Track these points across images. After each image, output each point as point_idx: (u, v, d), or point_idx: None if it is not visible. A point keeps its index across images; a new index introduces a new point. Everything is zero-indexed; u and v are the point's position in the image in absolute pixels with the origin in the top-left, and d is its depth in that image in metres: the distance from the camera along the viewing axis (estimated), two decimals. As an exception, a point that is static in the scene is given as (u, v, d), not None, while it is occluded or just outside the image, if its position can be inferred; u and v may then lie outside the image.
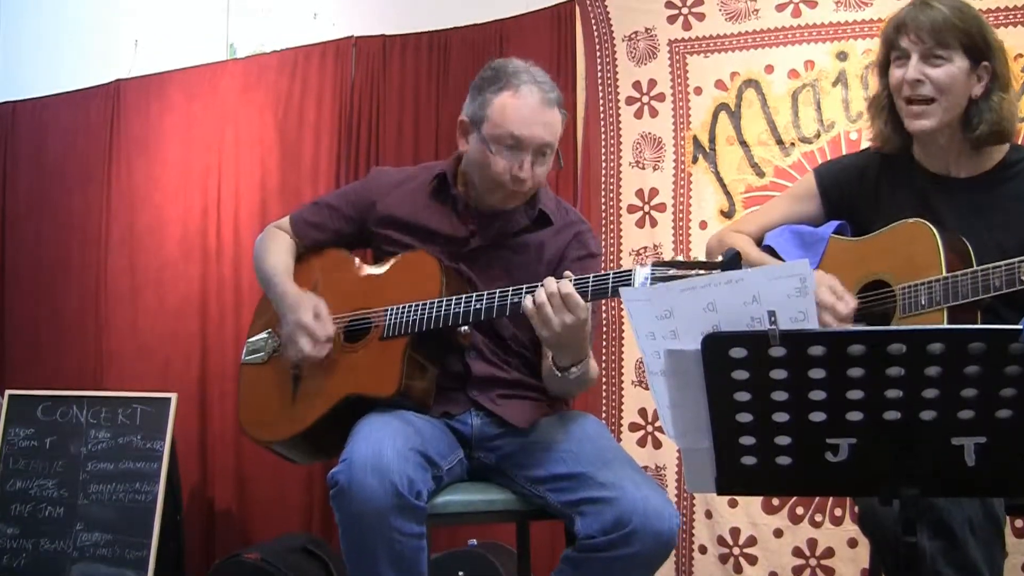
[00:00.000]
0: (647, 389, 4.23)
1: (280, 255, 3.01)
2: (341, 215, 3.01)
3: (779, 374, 1.72)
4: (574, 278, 2.50)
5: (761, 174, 4.28)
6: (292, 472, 4.89)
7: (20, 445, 4.95)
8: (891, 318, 2.60)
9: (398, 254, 2.89)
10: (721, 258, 2.23)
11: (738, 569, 4.17)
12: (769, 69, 4.31)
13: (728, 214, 4.30)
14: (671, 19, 4.48)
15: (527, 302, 2.51)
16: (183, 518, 4.95)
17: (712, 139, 4.38)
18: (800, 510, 4.10)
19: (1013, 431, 1.73)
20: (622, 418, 4.45)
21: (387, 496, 2.38)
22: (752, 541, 4.16)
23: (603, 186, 4.54)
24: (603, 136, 4.56)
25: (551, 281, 2.50)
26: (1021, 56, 3.87)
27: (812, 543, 4.08)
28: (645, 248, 4.45)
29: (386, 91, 5.13)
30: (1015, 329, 1.66)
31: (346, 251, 3.02)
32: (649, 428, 4.39)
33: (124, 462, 4.80)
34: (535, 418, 2.79)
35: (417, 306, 2.72)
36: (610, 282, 2.47)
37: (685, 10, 4.45)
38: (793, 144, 4.24)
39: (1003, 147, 2.68)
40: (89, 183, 5.74)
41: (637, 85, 4.53)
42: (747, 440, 1.80)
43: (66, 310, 5.74)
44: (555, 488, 2.61)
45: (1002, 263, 2.42)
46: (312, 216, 3.05)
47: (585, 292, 2.48)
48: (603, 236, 4.49)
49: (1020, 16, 3.92)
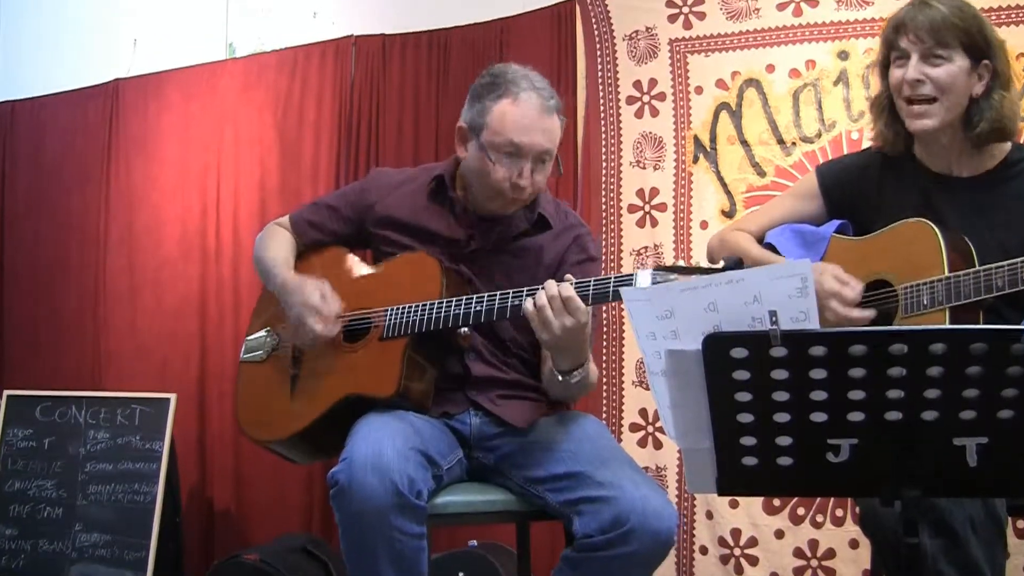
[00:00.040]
0: (648, 389, 4.23)
1: (280, 249, 3.01)
2: (340, 216, 3.00)
3: (780, 374, 1.72)
4: (575, 281, 2.50)
5: (762, 174, 4.27)
6: (291, 472, 4.89)
7: (19, 446, 4.96)
8: (893, 318, 2.60)
9: (397, 254, 2.89)
10: (723, 263, 2.22)
11: (739, 570, 4.16)
12: (770, 68, 4.30)
13: (729, 214, 4.29)
14: (672, 18, 4.47)
15: (527, 304, 2.51)
16: (182, 519, 4.96)
17: (713, 138, 4.37)
18: (801, 511, 4.10)
19: (1015, 431, 1.72)
20: (623, 418, 4.44)
21: (387, 495, 2.37)
22: (753, 542, 4.16)
23: (603, 186, 4.53)
24: (603, 135, 4.55)
25: (552, 284, 2.50)
26: (1023, 56, 3.86)
27: (813, 544, 4.07)
28: (646, 248, 4.45)
29: (386, 90, 5.12)
30: (1017, 329, 1.65)
31: (346, 250, 3.02)
32: (650, 428, 4.39)
33: (123, 463, 4.81)
34: (534, 418, 2.79)
35: (417, 307, 2.71)
36: (611, 286, 2.46)
37: (686, 9, 4.45)
38: (794, 143, 4.24)
39: (1005, 146, 2.68)
40: (88, 183, 5.74)
41: (638, 84, 4.52)
42: (748, 440, 1.80)
43: (65, 310, 5.74)
44: (554, 488, 2.61)
45: (1004, 263, 2.41)
46: (312, 216, 3.05)
47: (586, 296, 2.48)
48: (603, 236, 4.48)
49: (1020, 15, 3.92)
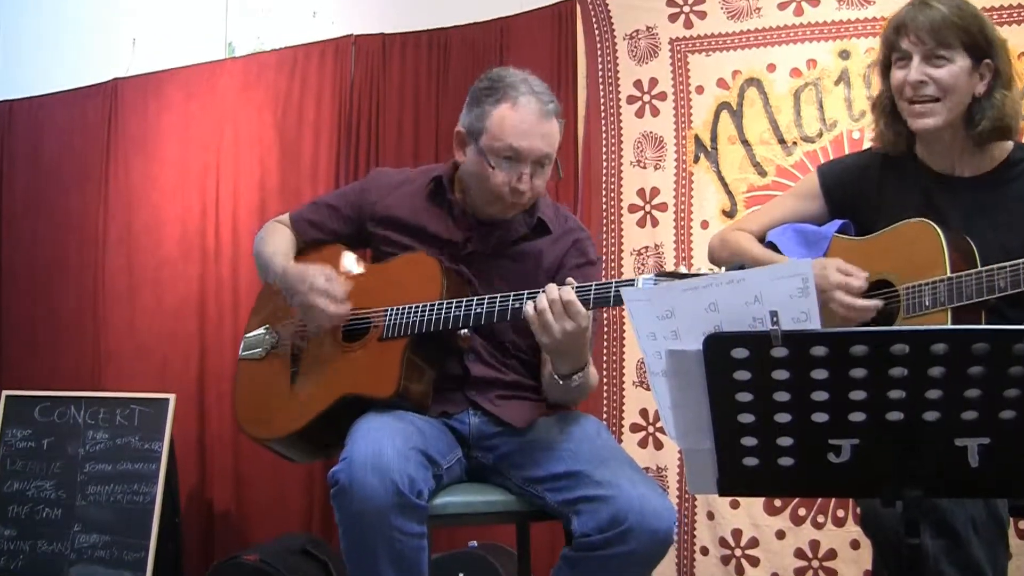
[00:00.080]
0: (648, 390, 4.23)
1: (280, 243, 3.00)
2: (340, 215, 3.00)
3: (781, 375, 1.71)
4: (576, 285, 2.50)
5: (763, 173, 4.27)
6: (291, 472, 4.89)
7: (17, 446, 4.95)
8: (895, 318, 2.60)
9: (397, 254, 2.88)
10: (724, 271, 2.22)
11: (740, 571, 4.15)
12: (771, 68, 4.29)
13: (730, 214, 4.28)
14: (672, 17, 4.46)
15: (528, 308, 2.51)
16: (182, 519, 4.95)
17: (714, 138, 4.36)
18: (802, 511, 4.09)
19: (1017, 432, 1.72)
20: (623, 419, 4.43)
21: (388, 495, 2.37)
22: (754, 542, 4.15)
23: (604, 185, 4.52)
24: (604, 135, 4.54)
25: (553, 288, 2.50)
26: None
27: (814, 544, 4.06)
28: (646, 248, 4.44)
29: (386, 90, 5.11)
30: (1019, 329, 1.65)
31: (346, 249, 3.01)
32: (650, 429, 4.38)
33: (122, 463, 4.81)
34: (533, 418, 2.78)
35: (417, 308, 2.71)
36: (612, 290, 2.46)
37: (687, 8, 4.44)
38: (795, 143, 4.23)
39: (1006, 146, 2.68)
40: (86, 182, 5.73)
41: (638, 84, 4.51)
42: (749, 441, 1.79)
43: (63, 310, 5.73)
44: (552, 487, 2.61)
45: (1007, 264, 2.41)
46: (312, 215, 3.04)
47: (587, 300, 2.48)
48: (604, 236, 4.48)
49: (1021, 15, 3.91)
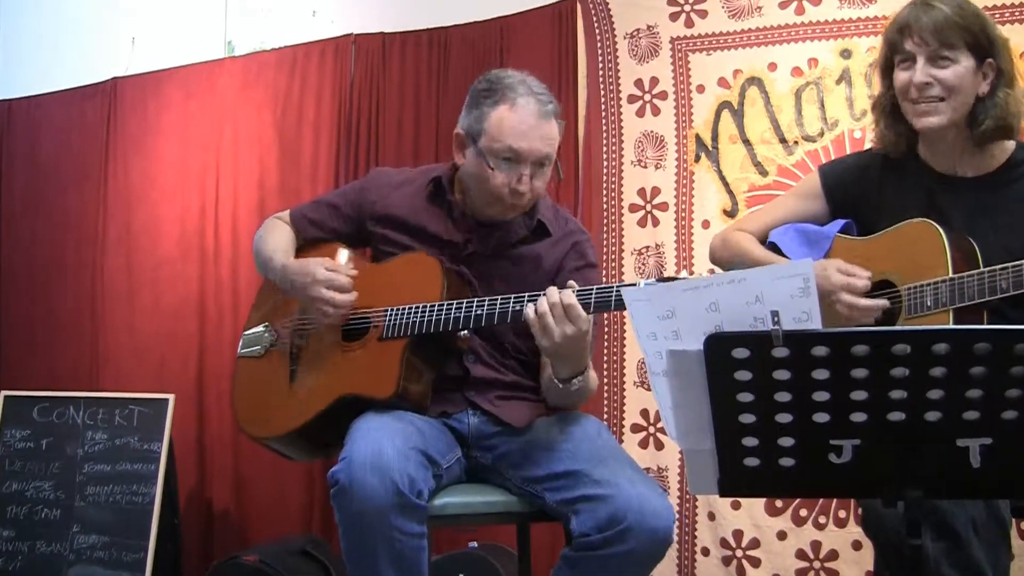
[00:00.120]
0: (649, 390, 4.23)
1: (279, 240, 3.00)
2: (340, 214, 2.99)
3: (782, 375, 1.71)
4: (577, 288, 2.49)
5: (764, 173, 4.26)
6: (291, 473, 4.89)
7: (16, 446, 4.94)
8: (896, 319, 2.59)
9: (397, 254, 2.88)
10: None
11: (741, 572, 4.15)
12: (772, 67, 4.28)
13: (731, 213, 4.27)
14: (673, 16, 4.45)
15: (528, 311, 2.51)
16: (181, 520, 4.95)
17: (715, 137, 4.36)
18: (804, 512, 4.08)
19: (1019, 432, 1.71)
20: (624, 419, 4.43)
21: (388, 495, 2.37)
22: (755, 543, 4.14)
23: (605, 185, 4.52)
24: (605, 134, 4.54)
25: (553, 291, 2.49)
26: (1025, 55, 3.85)
27: (816, 545, 4.05)
28: (647, 248, 4.43)
29: (386, 89, 5.11)
30: (1021, 330, 1.64)
31: (346, 248, 2.99)
32: (651, 429, 4.37)
33: (121, 463, 4.80)
34: (532, 418, 2.77)
35: (417, 308, 2.70)
36: (612, 295, 2.46)
37: (687, 7, 4.43)
38: (796, 143, 4.22)
39: (1008, 146, 2.67)
40: (85, 182, 5.73)
41: (639, 83, 4.50)
42: (750, 441, 1.79)
43: (62, 310, 5.73)
44: (552, 487, 2.60)
45: (1009, 265, 2.40)
46: (312, 213, 3.04)
47: (588, 303, 2.48)
48: (604, 236, 4.47)
49: (1022, 14, 3.90)
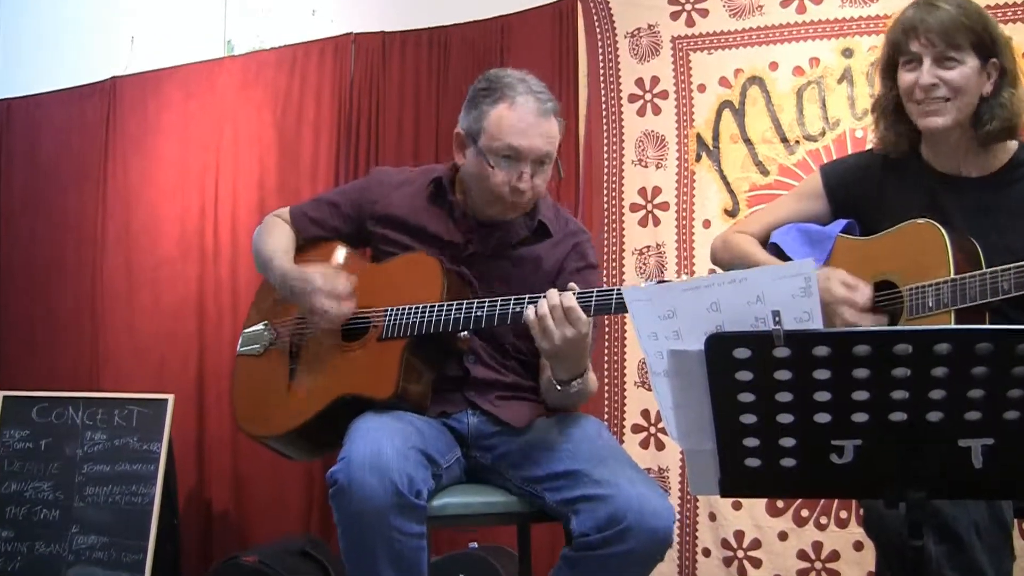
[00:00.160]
0: (650, 390, 4.22)
1: (280, 240, 2.98)
2: (341, 213, 2.99)
3: (783, 375, 1.70)
4: (577, 291, 2.48)
5: (765, 172, 4.25)
6: (290, 473, 4.89)
7: (15, 447, 4.93)
8: (898, 319, 2.58)
9: (397, 254, 2.87)
10: None
11: (742, 572, 4.14)
12: (773, 66, 4.28)
13: (732, 213, 4.27)
14: (674, 15, 4.45)
15: (528, 312, 2.50)
16: (180, 520, 4.94)
17: (716, 137, 4.35)
18: (805, 513, 4.08)
19: (1021, 433, 1.70)
20: (625, 419, 4.42)
21: (387, 495, 2.36)
22: (756, 544, 4.14)
23: (605, 185, 4.51)
24: (605, 134, 4.53)
25: (554, 293, 2.48)
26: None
27: (817, 546, 4.05)
28: (648, 247, 4.43)
29: (386, 88, 5.10)
30: (1023, 330, 1.63)
31: (346, 248, 3.00)
32: (652, 430, 4.37)
33: (120, 464, 4.79)
34: (532, 418, 2.77)
35: (417, 309, 2.69)
36: (613, 298, 2.45)
37: (688, 6, 4.43)
38: (798, 142, 4.22)
39: (1010, 146, 2.66)
40: (85, 181, 5.73)
41: (640, 82, 4.50)
42: (751, 442, 1.78)
43: (61, 310, 5.73)
44: (551, 487, 2.60)
45: (1011, 266, 2.39)
46: (313, 212, 3.03)
47: (588, 306, 2.47)
48: (605, 235, 4.46)
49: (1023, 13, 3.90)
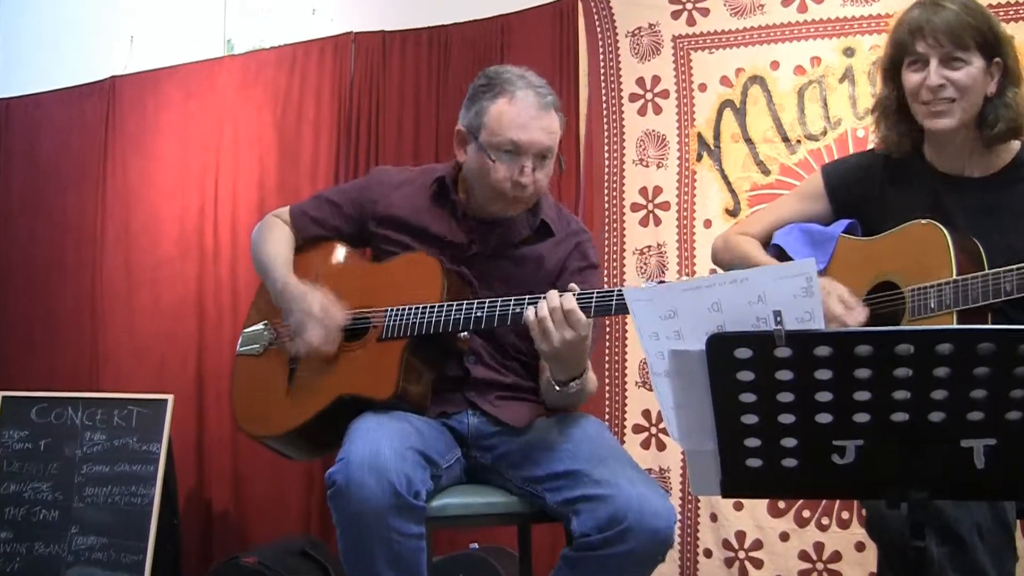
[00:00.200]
0: (651, 390, 4.21)
1: (280, 245, 2.97)
2: (342, 212, 2.97)
3: (785, 375, 1.70)
4: (578, 291, 2.48)
5: (767, 172, 4.24)
6: (290, 473, 4.88)
7: (14, 447, 4.92)
8: (900, 320, 2.57)
9: (398, 254, 2.86)
10: None
11: (743, 573, 4.13)
12: (775, 65, 4.27)
13: (733, 212, 4.26)
14: (675, 14, 4.44)
15: (529, 313, 2.50)
16: (180, 521, 4.93)
17: (717, 136, 4.35)
18: (806, 513, 4.07)
19: (1023, 433, 1.70)
20: (625, 420, 4.41)
21: (385, 496, 2.36)
22: (758, 545, 4.13)
23: (606, 184, 4.50)
24: (606, 133, 4.52)
25: (554, 295, 2.48)
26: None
27: (819, 547, 4.04)
28: (649, 247, 4.42)
29: (386, 88, 5.10)
30: (1025, 329, 1.63)
31: (346, 247, 2.99)
32: (653, 430, 4.36)
33: (120, 464, 4.79)
34: (532, 418, 2.76)
35: (417, 309, 2.69)
36: (613, 299, 2.45)
37: (689, 5, 4.42)
38: (799, 141, 4.21)
39: (1013, 146, 2.66)
40: (84, 181, 5.72)
41: (641, 82, 4.49)
42: (752, 442, 1.78)
43: (61, 310, 5.72)
44: (552, 487, 2.59)
45: (1014, 267, 2.38)
46: (313, 210, 3.01)
47: (588, 308, 2.46)
48: (606, 235, 4.45)
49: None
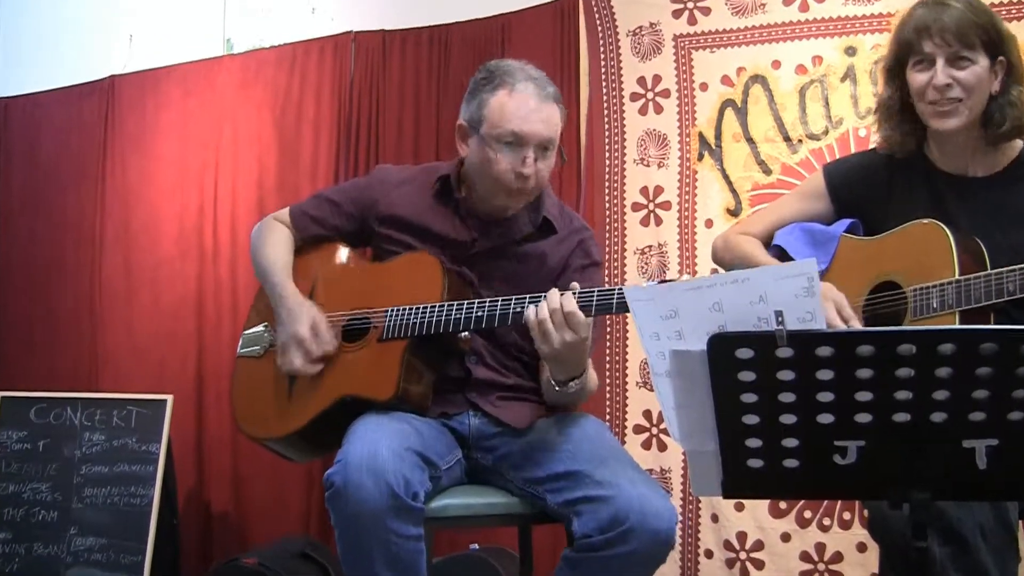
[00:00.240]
0: (652, 391, 4.21)
1: (279, 248, 2.96)
2: (343, 212, 2.97)
3: (786, 375, 1.69)
4: (578, 291, 2.47)
5: (768, 172, 4.24)
6: (290, 474, 4.87)
7: (13, 448, 4.91)
8: (902, 320, 2.56)
9: (399, 254, 2.86)
10: None
11: (745, 574, 4.13)
12: (776, 64, 4.27)
13: (734, 212, 4.26)
14: (676, 13, 4.44)
15: (529, 314, 2.49)
16: (179, 522, 4.92)
17: (718, 136, 4.34)
18: (808, 514, 4.06)
19: (1026, 433, 1.70)
20: (626, 420, 4.41)
21: (383, 497, 2.35)
22: (759, 545, 4.12)
23: (607, 184, 4.50)
24: (607, 133, 4.52)
25: (554, 296, 2.47)
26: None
27: (820, 547, 4.03)
28: (650, 247, 4.41)
29: (386, 87, 5.09)
30: (1027, 329, 1.62)
31: (347, 247, 2.99)
32: (654, 430, 4.35)
33: (119, 465, 4.78)
34: (533, 419, 2.76)
35: (417, 309, 2.68)
36: (614, 298, 2.45)
37: (690, 4, 4.41)
38: (801, 141, 4.21)
39: (1016, 144, 2.65)
40: (83, 180, 5.71)
41: (642, 81, 4.48)
42: (754, 442, 1.77)
43: (60, 309, 5.71)
44: (552, 488, 2.59)
45: (1016, 267, 2.37)
46: (313, 210, 3.00)
47: (589, 306, 2.46)
48: (607, 235, 4.45)
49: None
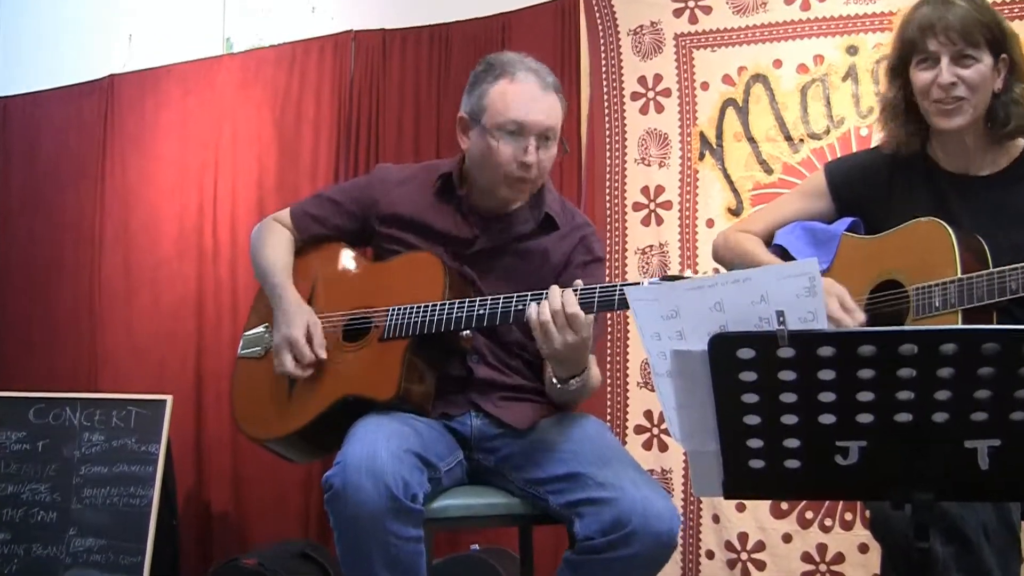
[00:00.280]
0: (653, 391, 4.20)
1: (279, 250, 2.96)
2: (343, 211, 2.96)
3: (788, 375, 1.68)
4: (581, 287, 2.47)
5: (769, 171, 4.23)
6: (290, 475, 4.87)
7: (12, 448, 4.90)
8: (904, 319, 2.56)
9: (400, 253, 2.85)
10: None
11: (746, 575, 4.12)
12: (777, 63, 4.27)
13: (736, 212, 4.26)
14: (677, 12, 4.43)
15: (531, 312, 2.49)
16: (179, 522, 4.92)
17: (719, 135, 4.34)
18: (809, 514, 4.06)
19: (1028, 434, 1.69)
20: (627, 420, 4.40)
21: (381, 499, 2.35)
22: (760, 546, 4.11)
23: (608, 183, 4.49)
24: (608, 132, 4.51)
25: (556, 296, 2.47)
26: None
27: (822, 548, 4.03)
28: (651, 247, 4.41)
29: (386, 86, 5.09)
30: (1029, 329, 1.61)
31: (347, 247, 2.98)
32: (655, 431, 4.35)
33: (118, 465, 4.77)
34: (535, 420, 2.75)
35: (418, 308, 2.68)
36: (616, 295, 2.44)
37: (691, 3, 4.41)
38: (802, 140, 4.20)
39: (1018, 143, 2.65)
40: (83, 180, 5.71)
41: (642, 80, 4.48)
42: (755, 443, 1.77)
43: (60, 309, 5.71)
44: (554, 489, 2.58)
45: (1019, 265, 2.37)
46: (314, 209, 3.00)
47: (591, 303, 2.46)
48: (608, 234, 4.44)
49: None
